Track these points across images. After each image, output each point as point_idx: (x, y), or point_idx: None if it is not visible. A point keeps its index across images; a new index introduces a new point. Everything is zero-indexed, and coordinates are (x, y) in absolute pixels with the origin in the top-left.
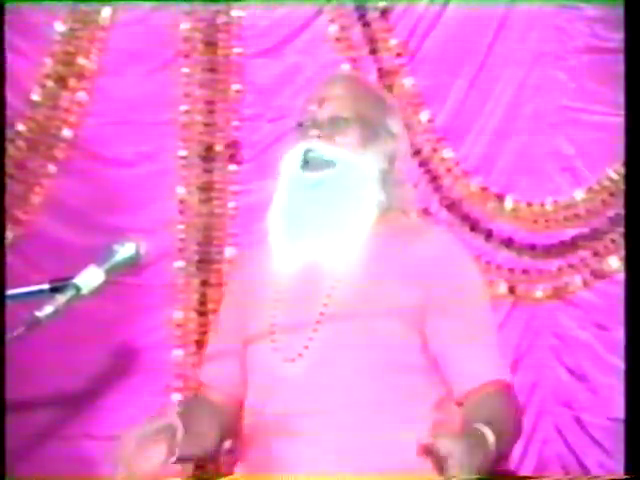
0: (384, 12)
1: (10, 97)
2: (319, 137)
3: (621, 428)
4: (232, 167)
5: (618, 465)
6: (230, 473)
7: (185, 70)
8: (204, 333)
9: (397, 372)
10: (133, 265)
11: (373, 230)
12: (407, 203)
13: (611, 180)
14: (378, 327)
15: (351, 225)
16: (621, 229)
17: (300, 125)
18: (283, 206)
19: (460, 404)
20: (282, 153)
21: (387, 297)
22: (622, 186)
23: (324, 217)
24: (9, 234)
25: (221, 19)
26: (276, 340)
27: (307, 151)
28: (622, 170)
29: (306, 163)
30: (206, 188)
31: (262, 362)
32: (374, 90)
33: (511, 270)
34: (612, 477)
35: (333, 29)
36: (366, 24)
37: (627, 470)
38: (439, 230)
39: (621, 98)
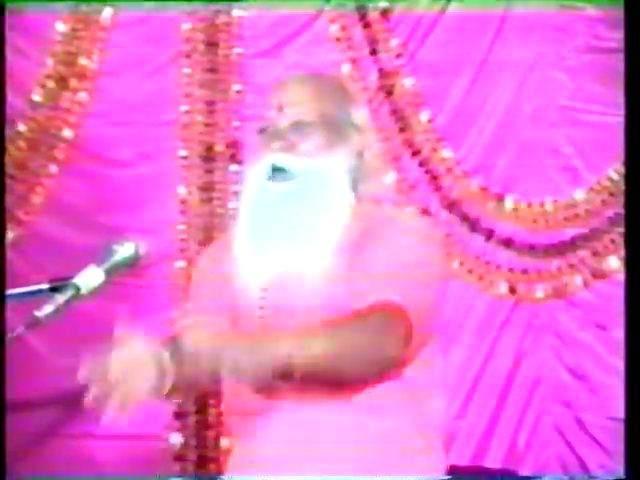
0: (384, 12)
1: (11, 97)
2: (282, 149)
3: (621, 428)
4: (233, 167)
5: (618, 465)
6: None
7: (186, 70)
8: None
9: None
10: (133, 265)
11: (345, 230)
12: (378, 194)
13: (611, 180)
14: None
15: (322, 233)
16: (621, 229)
17: (261, 132)
18: (250, 219)
19: None
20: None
21: (366, 299)
22: (622, 186)
23: (293, 228)
24: (10, 234)
25: (222, 19)
26: None
27: (272, 165)
28: (622, 170)
29: (273, 175)
30: (207, 188)
31: None
32: (334, 84)
33: (511, 270)
34: (612, 477)
35: (334, 29)
36: (367, 24)
37: (627, 470)
38: (409, 214)
39: (621, 98)
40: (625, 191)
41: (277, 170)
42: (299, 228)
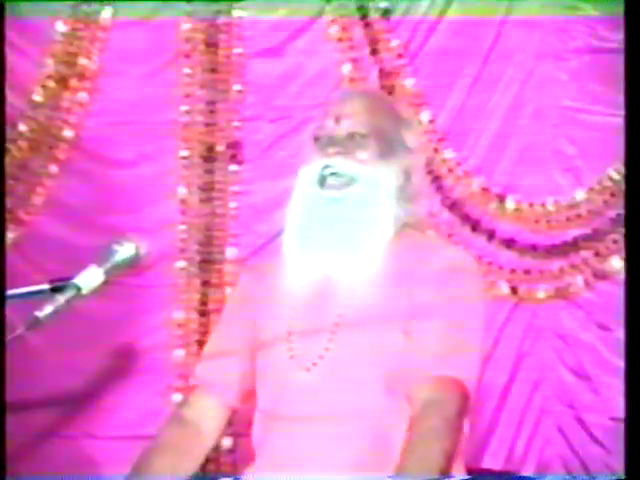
0: (385, 13)
1: (12, 97)
2: (338, 153)
3: (622, 428)
4: (233, 167)
5: (620, 465)
6: (231, 472)
7: (186, 70)
8: (205, 333)
9: (407, 383)
10: (133, 265)
11: (389, 246)
12: (421, 218)
13: (612, 180)
14: (390, 340)
15: (368, 241)
16: (622, 229)
17: (316, 139)
18: (299, 222)
19: (410, 399)
20: (284, 153)
21: (400, 312)
22: (623, 186)
23: (341, 234)
24: (11, 234)
25: (222, 19)
26: (293, 348)
27: (325, 167)
28: (623, 170)
29: (323, 180)
30: (207, 188)
31: (277, 369)
32: (390, 105)
33: (513, 270)
34: (614, 477)
35: (334, 30)
36: (367, 25)
37: (627, 470)
38: (454, 248)
39: (622, 98)
40: (625, 191)
41: (329, 172)
42: (345, 235)
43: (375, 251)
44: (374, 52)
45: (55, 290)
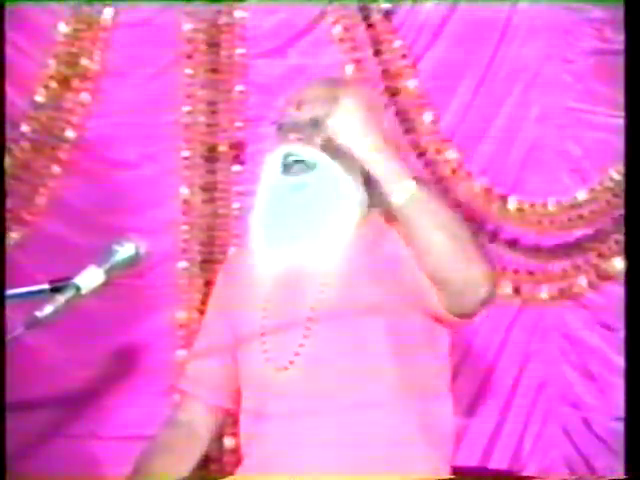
0: (388, 13)
1: (14, 98)
2: (299, 140)
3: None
4: (235, 168)
5: (621, 465)
6: (233, 473)
7: (188, 71)
8: None
9: (386, 372)
10: (133, 265)
11: (356, 231)
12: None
13: (614, 181)
14: (367, 329)
15: (333, 227)
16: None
17: (280, 128)
18: (264, 210)
19: None
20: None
21: (373, 298)
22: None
23: (306, 220)
24: (14, 235)
25: (224, 20)
26: (268, 350)
27: (287, 155)
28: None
29: (286, 167)
30: (209, 189)
31: (255, 370)
32: (356, 91)
33: (516, 271)
34: (618, 478)
35: (337, 30)
36: (370, 25)
37: (627, 470)
38: None
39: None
40: (625, 191)
41: (291, 160)
42: (311, 220)
43: (342, 237)
44: (377, 53)
45: (55, 290)
